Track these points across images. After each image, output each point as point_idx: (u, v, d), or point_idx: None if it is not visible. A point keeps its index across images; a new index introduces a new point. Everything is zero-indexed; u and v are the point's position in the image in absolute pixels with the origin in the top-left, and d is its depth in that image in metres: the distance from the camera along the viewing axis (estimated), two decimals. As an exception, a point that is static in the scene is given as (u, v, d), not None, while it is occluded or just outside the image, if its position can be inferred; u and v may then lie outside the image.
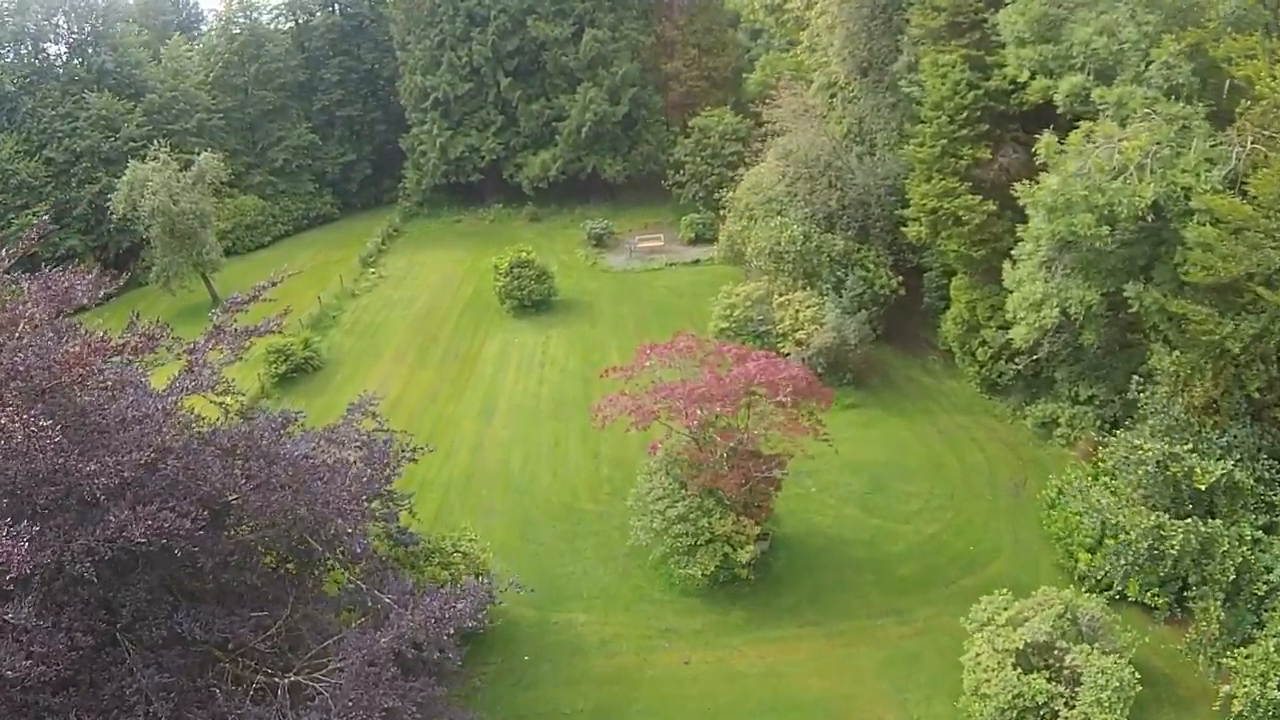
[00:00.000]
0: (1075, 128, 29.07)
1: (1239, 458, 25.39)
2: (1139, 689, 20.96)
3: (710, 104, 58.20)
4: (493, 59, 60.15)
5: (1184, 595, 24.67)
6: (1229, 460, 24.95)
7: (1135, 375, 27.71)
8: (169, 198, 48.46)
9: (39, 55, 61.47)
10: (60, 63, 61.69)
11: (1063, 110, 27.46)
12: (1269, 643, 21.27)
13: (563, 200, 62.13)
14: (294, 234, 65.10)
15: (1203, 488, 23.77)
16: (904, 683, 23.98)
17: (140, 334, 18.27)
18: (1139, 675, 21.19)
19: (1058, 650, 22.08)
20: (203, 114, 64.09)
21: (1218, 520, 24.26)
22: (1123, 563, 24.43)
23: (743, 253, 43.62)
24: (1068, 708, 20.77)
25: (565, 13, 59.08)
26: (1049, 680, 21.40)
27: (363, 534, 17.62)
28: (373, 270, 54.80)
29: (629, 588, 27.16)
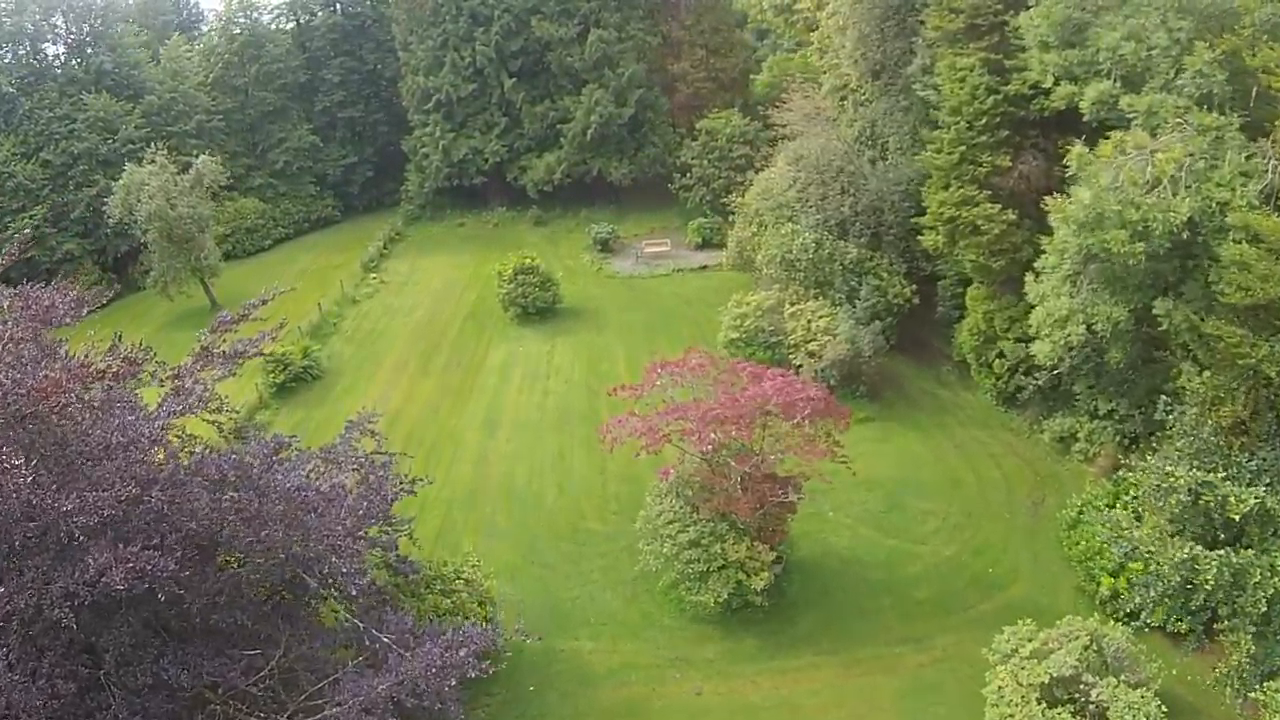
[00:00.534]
0: (1101, 135, 28.16)
1: (1269, 482, 24.48)
2: (1166, 722, 20.06)
3: (718, 106, 57.20)
4: (496, 60, 59.16)
5: (1211, 624, 23.83)
6: (1260, 485, 24.03)
7: (1163, 395, 26.72)
8: (166, 202, 47.59)
9: (37, 56, 60.58)
10: (58, 64, 60.82)
11: (1089, 118, 26.42)
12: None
13: (567, 204, 61.15)
14: (295, 237, 64.18)
15: (1236, 518, 22.76)
16: (924, 715, 23.06)
17: (122, 358, 17.34)
18: (1165, 709, 20.30)
19: (1084, 684, 21.21)
20: (202, 115, 63.20)
21: (1249, 550, 23.36)
22: (1153, 594, 23.47)
23: (752, 260, 42.63)
24: (1095, 744, 19.85)
25: (570, 13, 58.05)
26: (1075, 715, 20.54)
27: (359, 573, 16.69)
28: (374, 275, 53.90)
29: (638, 613, 26.21)
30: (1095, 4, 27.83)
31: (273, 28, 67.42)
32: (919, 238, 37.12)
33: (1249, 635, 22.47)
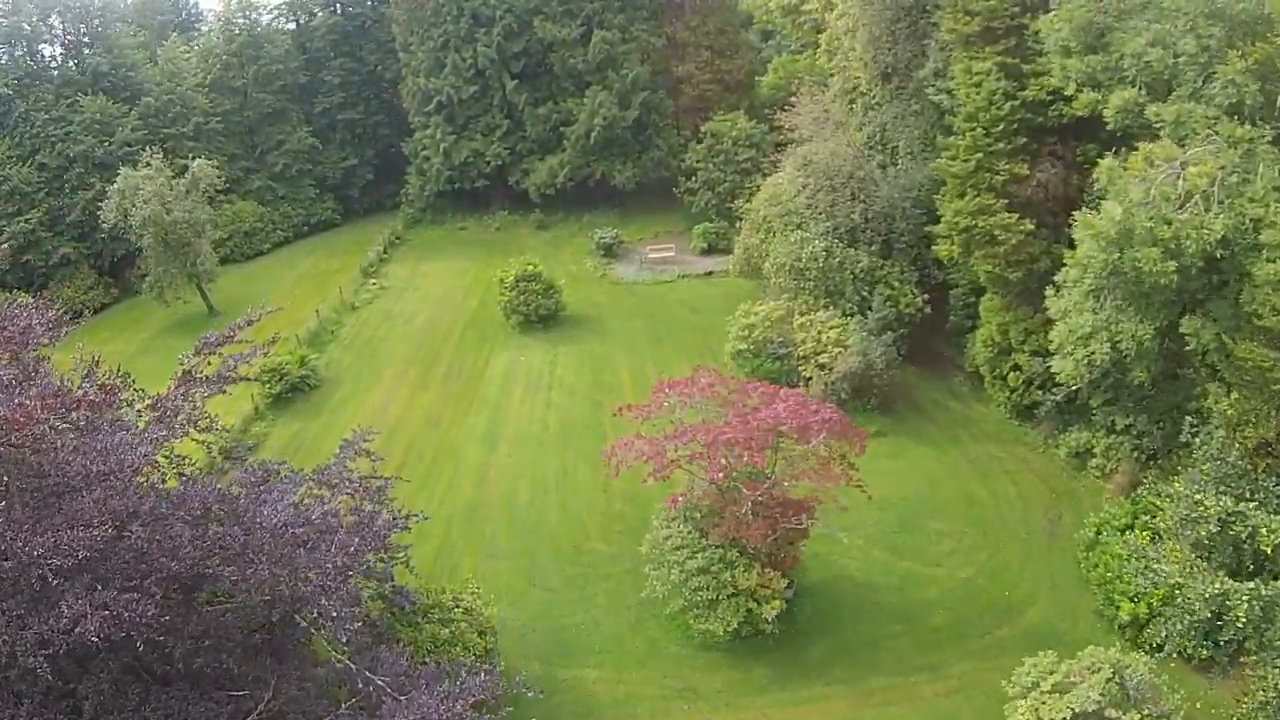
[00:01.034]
0: (1123, 144, 27.20)
1: (1297, 507, 23.58)
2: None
3: (723, 108, 56.22)
4: (498, 61, 58.19)
5: (1237, 654, 22.97)
6: (1288, 512, 23.13)
7: (1187, 416, 25.77)
8: (161, 206, 46.70)
9: (33, 57, 59.70)
10: (54, 65, 59.91)
11: (1113, 126, 25.42)
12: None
13: (570, 208, 60.18)
14: (294, 241, 63.24)
15: (1269, 550, 21.83)
16: (941, 749, 22.19)
17: (99, 385, 16.43)
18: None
19: (1106, 718, 20.36)
20: (200, 117, 62.25)
21: (1278, 581, 22.44)
22: (1180, 627, 22.54)
23: (759, 267, 41.66)
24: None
25: (573, 13, 57.06)
26: (1097, 751, 19.70)
27: (350, 617, 15.78)
28: (374, 281, 52.96)
29: (644, 640, 25.30)
30: (1117, 8, 26.85)
31: (272, 28, 66.46)
32: (931, 246, 36.19)
33: (1277, 669, 21.65)
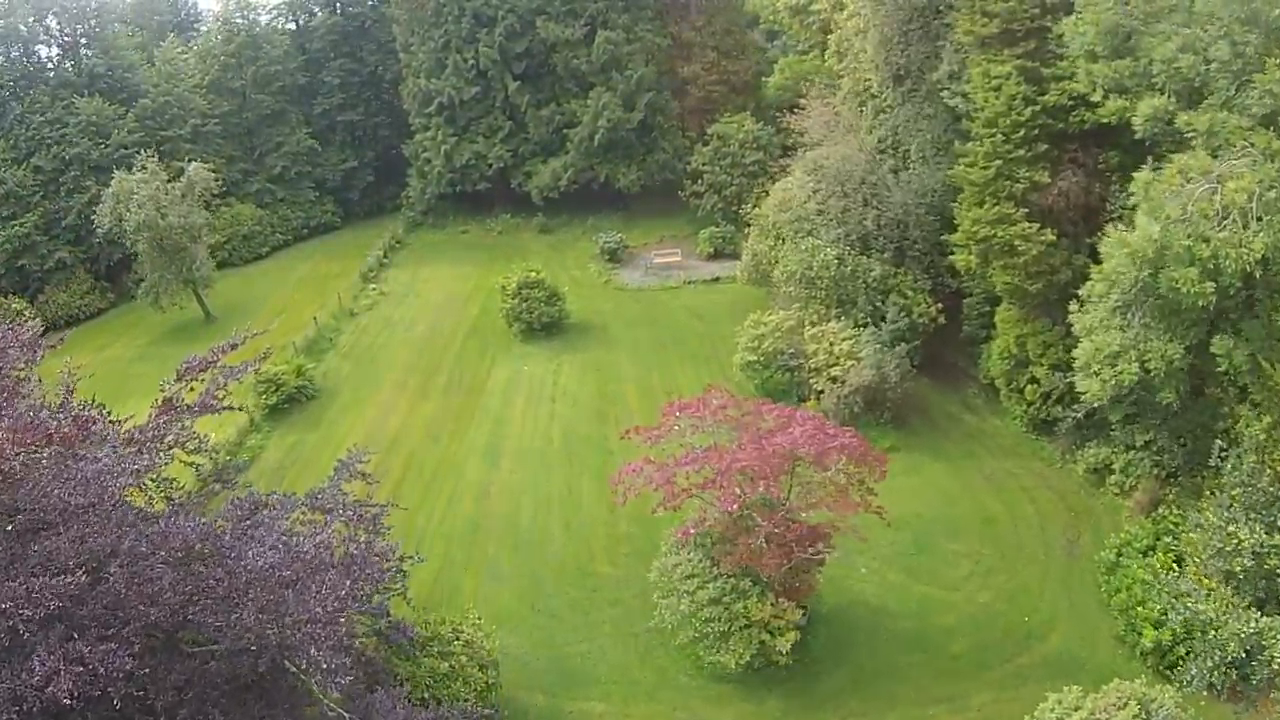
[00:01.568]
0: (1150, 153, 26.16)
1: (1327, 535, 22.58)
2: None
3: (730, 110, 55.15)
4: (500, 62, 57.14)
5: (1267, 688, 21.96)
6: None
7: (1218, 440, 24.76)
8: (156, 211, 45.77)
9: (29, 58, 58.76)
10: (50, 66, 58.98)
11: (1141, 135, 24.36)
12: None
13: (574, 211, 59.12)
14: (293, 244, 62.26)
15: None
16: (963, 788, 21.23)
17: (73, 418, 15.47)
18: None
19: (1134, 754, 19.42)
20: (198, 119, 61.29)
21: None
22: (1210, 664, 21.55)
23: (768, 274, 40.63)
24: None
25: (576, 13, 55.97)
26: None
27: (342, 669, 14.81)
28: (374, 286, 51.96)
29: (652, 670, 24.31)
30: (1144, 11, 25.79)
31: (271, 28, 65.45)
32: (947, 255, 35.17)
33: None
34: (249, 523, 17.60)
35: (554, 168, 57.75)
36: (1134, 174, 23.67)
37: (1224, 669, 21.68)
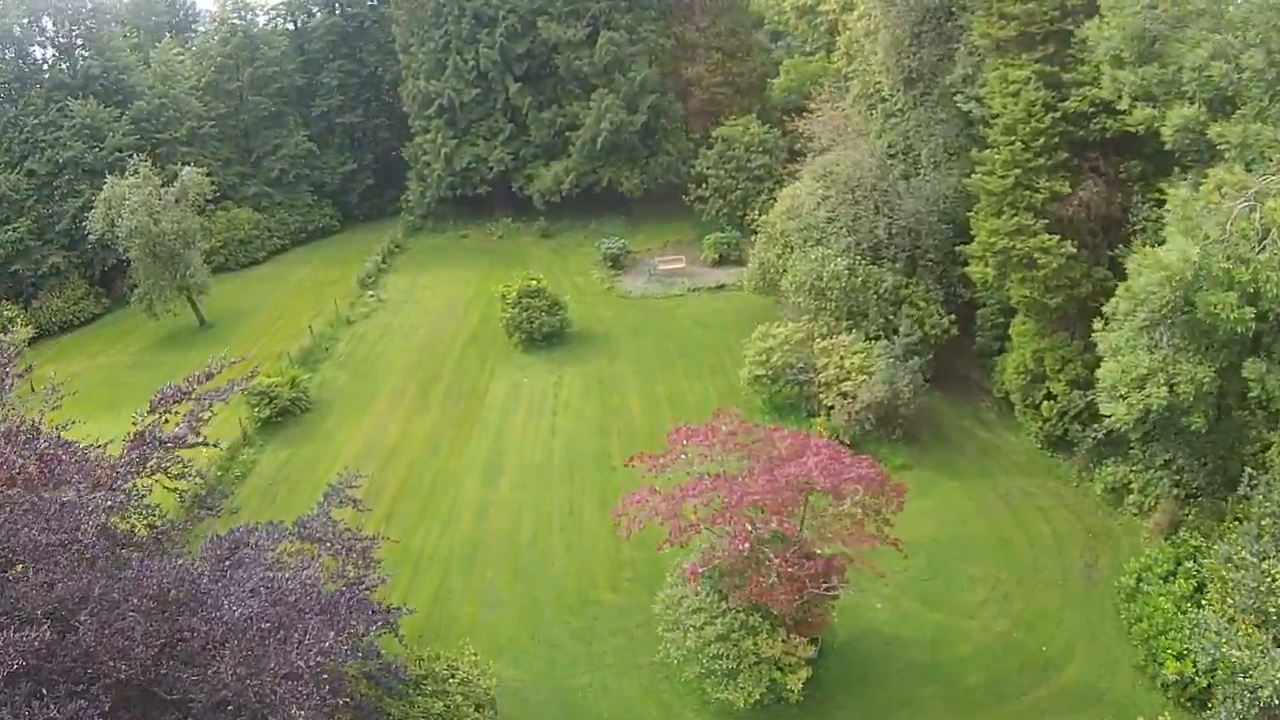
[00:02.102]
0: (1178, 163, 25.06)
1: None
2: None
3: (734, 112, 54.09)
4: (501, 63, 56.08)
5: None
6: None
7: (1248, 469, 23.62)
8: (149, 217, 44.84)
9: (23, 60, 57.80)
10: (46, 67, 57.99)
11: (1171, 146, 23.24)
12: None
13: (576, 215, 58.03)
14: (291, 249, 61.37)
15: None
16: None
17: (38, 456, 14.47)
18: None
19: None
20: (194, 121, 60.36)
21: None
22: (1239, 707, 20.43)
23: (776, 283, 39.52)
24: None
25: (579, 13, 54.88)
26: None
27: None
28: (371, 293, 50.93)
29: (656, 706, 23.24)
30: (1172, 14, 24.65)
31: (268, 29, 64.40)
32: (961, 265, 34.07)
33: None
34: (229, 562, 16.57)
35: (556, 171, 56.70)
36: (1160, 185, 22.64)
37: (1257, 713, 20.57)
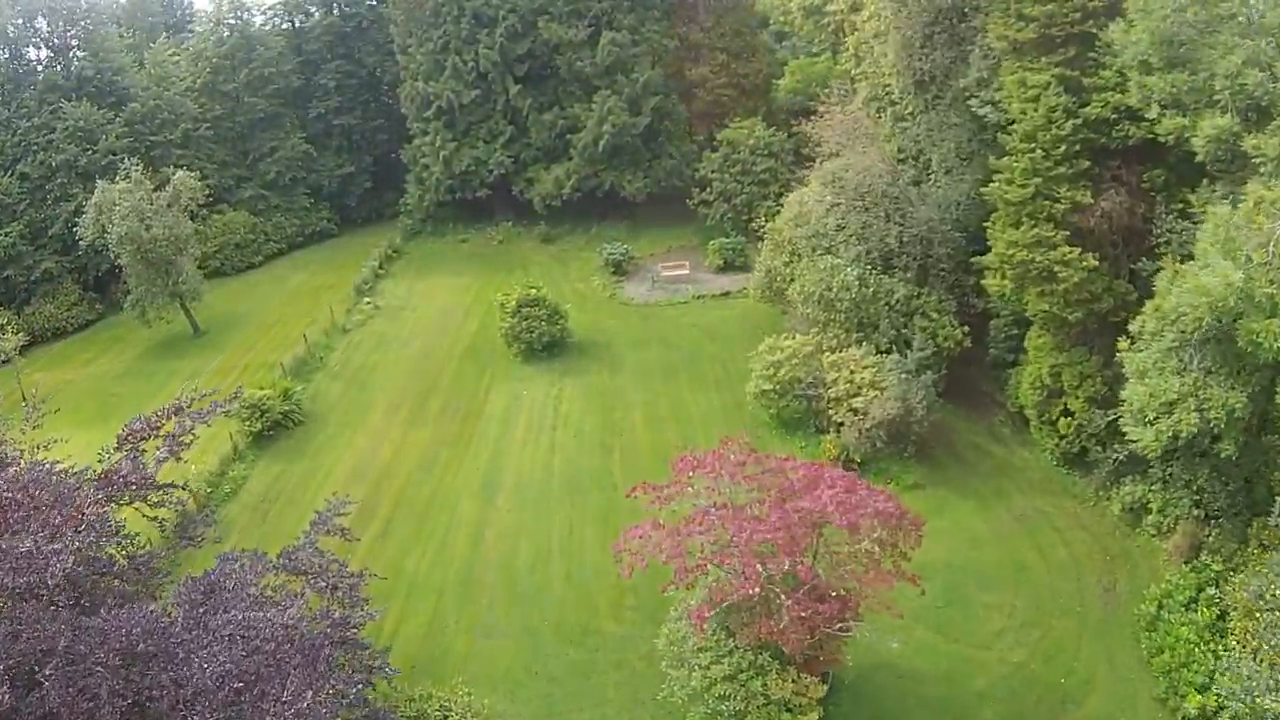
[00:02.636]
0: (1206, 174, 23.88)
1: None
2: None
3: (739, 114, 52.93)
4: (501, 64, 54.86)
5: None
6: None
7: (1278, 496, 22.55)
8: (140, 222, 43.77)
9: (16, 60, 56.75)
10: (39, 68, 56.93)
11: (1202, 158, 22.06)
12: None
13: (577, 219, 56.83)
14: (287, 253, 60.18)
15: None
16: None
17: (9, 482, 13.47)
18: None
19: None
20: (189, 123, 59.22)
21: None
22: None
23: (783, 291, 38.39)
24: None
25: (581, 13, 53.67)
26: None
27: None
28: (368, 300, 49.79)
29: (659, 746, 22.24)
30: (1201, 18, 23.45)
31: (266, 29, 63.23)
32: (973, 273, 32.94)
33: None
34: (204, 608, 15.52)
35: (557, 174, 55.53)
36: (1184, 195, 21.43)
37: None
